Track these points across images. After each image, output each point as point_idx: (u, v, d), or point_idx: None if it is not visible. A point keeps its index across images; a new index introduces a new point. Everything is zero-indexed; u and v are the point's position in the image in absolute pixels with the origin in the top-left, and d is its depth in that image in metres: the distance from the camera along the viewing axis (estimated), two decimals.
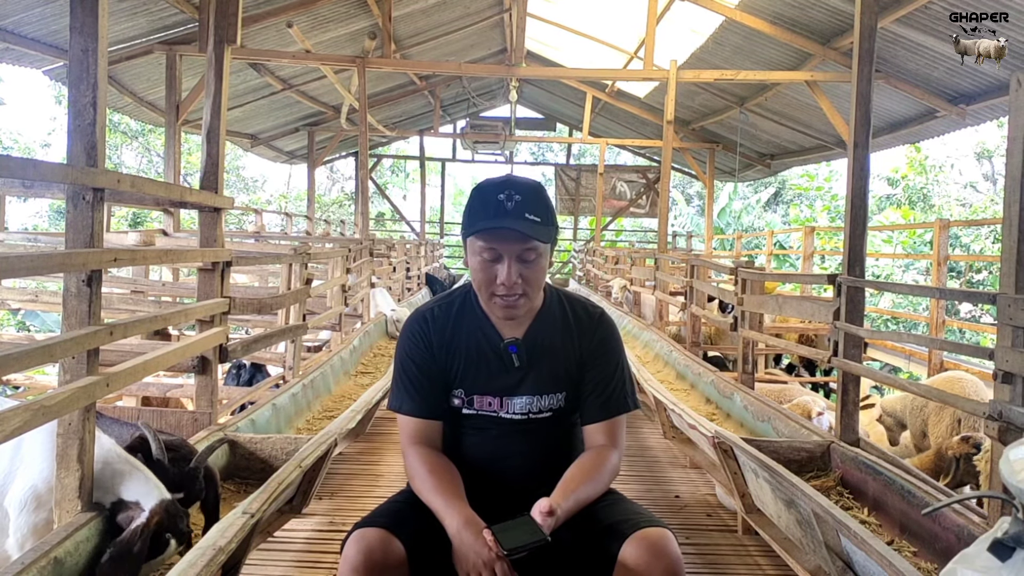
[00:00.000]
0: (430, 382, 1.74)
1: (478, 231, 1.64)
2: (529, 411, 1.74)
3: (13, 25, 6.98)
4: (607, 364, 1.78)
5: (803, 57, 9.21)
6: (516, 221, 1.61)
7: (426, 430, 1.74)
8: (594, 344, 1.78)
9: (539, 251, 1.66)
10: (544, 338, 1.76)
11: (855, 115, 3.59)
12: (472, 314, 1.77)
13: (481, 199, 1.66)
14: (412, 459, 1.71)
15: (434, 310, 1.80)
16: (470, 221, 1.66)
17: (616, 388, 1.77)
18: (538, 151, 28.42)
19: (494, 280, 1.65)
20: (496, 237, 1.63)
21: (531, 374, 1.74)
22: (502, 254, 1.64)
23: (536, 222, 1.63)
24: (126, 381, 2.42)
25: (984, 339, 9.59)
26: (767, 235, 15.07)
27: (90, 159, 2.16)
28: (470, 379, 1.75)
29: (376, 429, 5.14)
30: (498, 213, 1.62)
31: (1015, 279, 2.29)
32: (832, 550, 2.32)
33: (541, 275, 1.70)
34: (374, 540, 1.51)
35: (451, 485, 1.63)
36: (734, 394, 4.60)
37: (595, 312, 1.83)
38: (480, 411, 1.75)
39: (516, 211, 1.62)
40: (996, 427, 2.30)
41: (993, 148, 20.19)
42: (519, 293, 1.66)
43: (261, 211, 14.90)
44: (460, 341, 1.76)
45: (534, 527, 1.50)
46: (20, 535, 2.14)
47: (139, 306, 5.05)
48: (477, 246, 1.66)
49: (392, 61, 10.08)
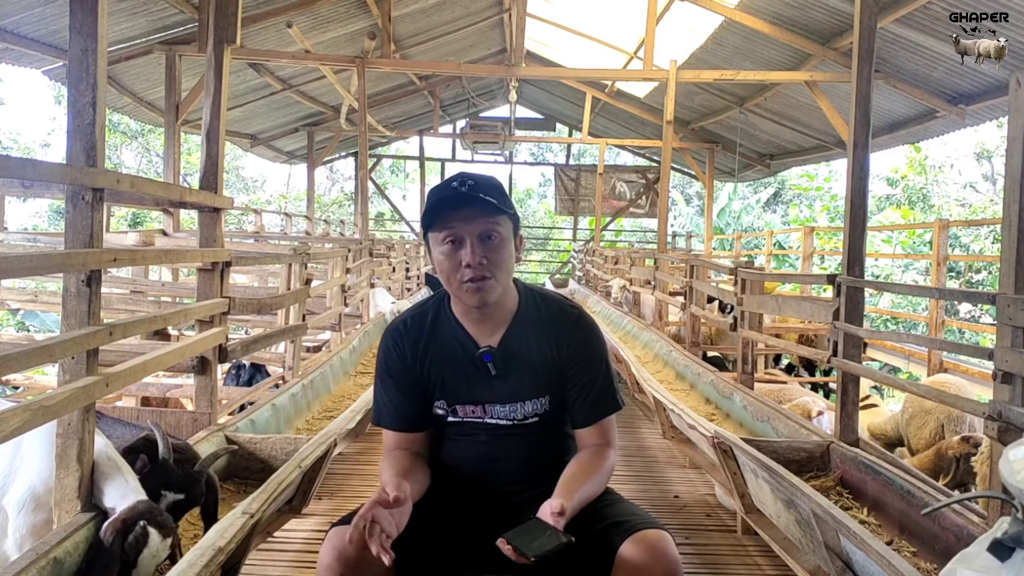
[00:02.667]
0: (407, 396, 1.74)
1: (436, 217, 1.62)
2: (514, 417, 1.72)
3: (13, 25, 6.98)
4: (590, 366, 1.74)
5: (803, 57, 9.21)
6: (472, 198, 1.60)
7: (405, 443, 1.75)
8: (574, 347, 1.74)
9: (500, 232, 1.64)
10: (520, 344, 1.72)
11: (855, 115, 3.59)
12: (447, 323, 1.75)
13: (436, 192, 1.65)
14: (383, 460, 1.72)
15: (407, 321, 1.77)
16: (427, 216, 1.65)
17: (603, 388, 1.74)
18: (538, 151, 28.41)
19: (459, 265, 1.62)
20: (454, 218, 1.61)
21: (509, 381, 1.71)
22: (463, 235, 1.61)
23: (492, 202, 1.61)
24: (126, 381, 2.42)
25: (984, 339, 9.59)
26: (767, 235, 15.08)
27: (89, 159, 2.16)
28: (450, 389, 1.73)
29: (375, 429, 5.09)
30: (453, 197, 1.61)
31: (1015, 279, 2.29)
32: (831, 550, 2.32)
33: (507, 260, 1.66)
34: (349, 539, 1.49)
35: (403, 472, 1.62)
36: (733, 394, 4.60)
37: (572, 313, 1.78)
38: (465, 419, 1.74)
39: (471, 192, 1.61)
40: (996, 427, 2.30)
41: (993, 148, 20.19)
42: (486, 275, 1.62)
43: (261, 211, 14.90)
44: (436, 351, 1.73)
45: (551, 530, 1.46)
46: (19, 535, 2.14)
47: (139, 306, 5.05)
48: (439, 238, 1.64)
49: (392, 61, 10.08)
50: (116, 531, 2.00)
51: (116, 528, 2.00)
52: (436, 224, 1.63)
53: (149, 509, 2.07)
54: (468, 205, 1.60)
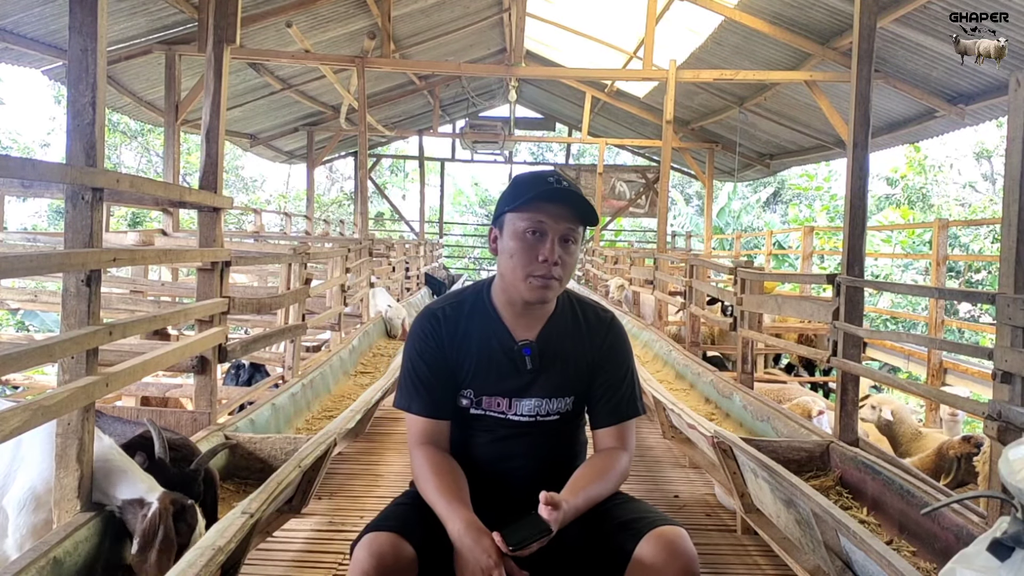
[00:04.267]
0: (439, 381, 1.73)
1: (526, 203, 1.62)
2: (537, 414, 1.74)
3: (12, 25, 6.98)
4: (617, 369, 1.78)
5: (802, 57, 9.21)
6: (567, 198, 1.63)
7: (434, 430, 1.73)
8: (604, 349, 1.78)
9: (578, 238, 1.67)
10: (556, 341, 1.75)
11: (854, 115, 3.59)
12: (484, 314, 1.76)
13: (527, 181, 1.66)
14: (418, 460, 1.69)
15: (445, 309, 1.78)
16: (515, 197, 1.64)
17: (626, 393, 1.77)
18: (537, 151, 28.40)
19: (535, 259, 1.63)
20: (544, 211, 1.62)
21: (542, 377, 1.73)
22: (547, 231, 1.63)
23: (586, 206, 1.64)
24: (125, 381, 2.42)
25: (983, 339, 9.60)
26: (766, 235, 15.08)
27: (89, 159, 2.16)
28: (480, 380, 1.73)
29: (375, 429, 5.13)
30: (550, 190, 1.63)
31: (1014, 279, 2.29)
32: (831, 550, 2.32)
33: (574, 265, 1.70)
34: (385, 544, 1.50)
35: (455, 487, 1.62)
36: (733, 394, 4.60)
37: (606, 317, 1.83)
38: (488, 412, 1.74)
39: (567, 190, 1.63)
40: (995, 427, 2.30)
41: (992, 148, 20.20)
42: (555, 276, 1.65)
43: (260, 211, 14.89)
44: (471, 341, 1.74)
45: (539, 521, 1.51)
46: (19, 535, 2.14)
47: (138, 306, 5.05)
48: (520, 225, 1.64)
49: (391, 61, 10.08)
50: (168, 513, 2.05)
51: (167, 510, 2.06)
52: (525, 209, 1.63)
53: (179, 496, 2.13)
54: (561, 203, 1.62)
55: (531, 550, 1.50)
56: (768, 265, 13.29)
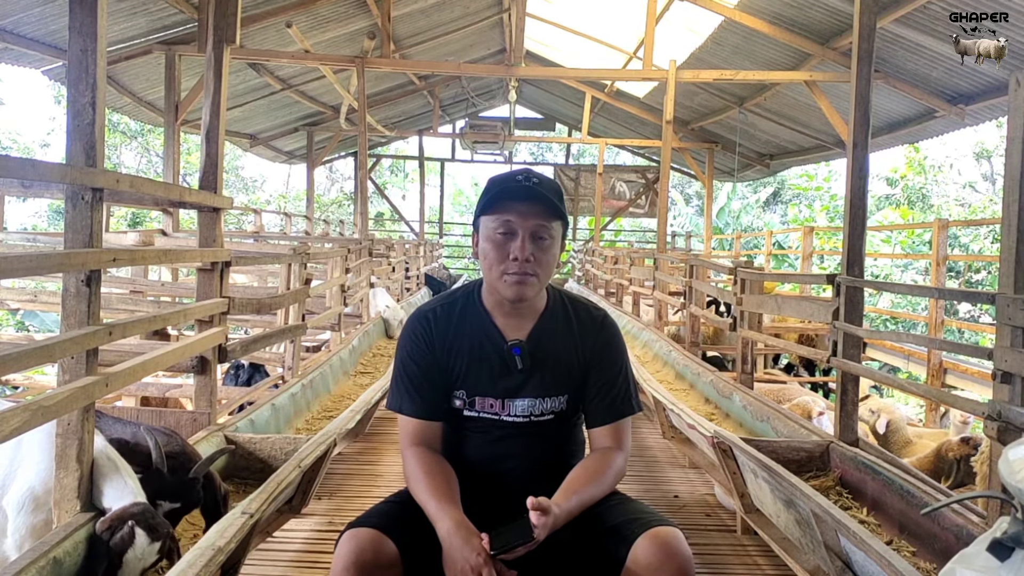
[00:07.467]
0: (431, 383, 1.73)
1: (494, 203, 1.65)
2: (531, 414, 1.73)
3: (12, 25, 6.97)
4: (611, 367, 1.77)
5: (802, 57, 9.21)
6: (533, 195, 1.64)
7: (426, 431, 1.73)
8: (598, 348, 1.78)
9: (552, 234, 1.68)
10: (547, 341, 1.75)
11: (854, 115, 3.59)
12: (475, 315, 1.76)
13: (498, 182, 1.69)
14: (410, 461, 1.70)
15: (436, 310, 1.78)
16: (484, 201, 1.67)
17: (621, 391, 1.77)
18: (537, 151, 28.41)
19: (506, 256, 1.65)
20: (512, 210, 1.64)
21: (534, 377, 1.73)
22: (516, 229, 1.65)
23: (553, 202, 1.65)
24: (125, 381, 2.42)
25: (983, 339, 9.60)
26: (766, 235, 15.08)
27: (89, 159, 2.16)
28: (472, 381, 1.73)
29: (375, 429, 5.13)
30: (517, 189, 1.65)
31: (1014, 279, 2.29)
32: (831, 550, 2.32)
33: (552, 262, 1.70)
34: (366, 540, 1.51)
35: (445, 488, 1.62)
36: (733, 394, 4.60)
37: (598, 315, 1.82)
38: (481, 413, 1.74)
39: (535, 188, 1.65)
40: (995, 427, 2.30)
41: (992, 148, 20.19)
42: (529, 273, 1.66)
43: (260, 211, 14.88)
44: (462, 342, 1.74)
45: (525, 527, 1.51)
46: (18, 536, 2.14)
47: (138, 306, 5.04)
48: (490, 226, 1.67)
49: (391, 61, 10.08)
50: (104, 529, 2.02)
51: (105, 527, 2.02)
52: (493, 210, 1.66)
53: (143, 511, 2.06)
54: (528, 200, 1.64)
55: (516, 554, 1.49)
56: (768, 265, 13.29)
